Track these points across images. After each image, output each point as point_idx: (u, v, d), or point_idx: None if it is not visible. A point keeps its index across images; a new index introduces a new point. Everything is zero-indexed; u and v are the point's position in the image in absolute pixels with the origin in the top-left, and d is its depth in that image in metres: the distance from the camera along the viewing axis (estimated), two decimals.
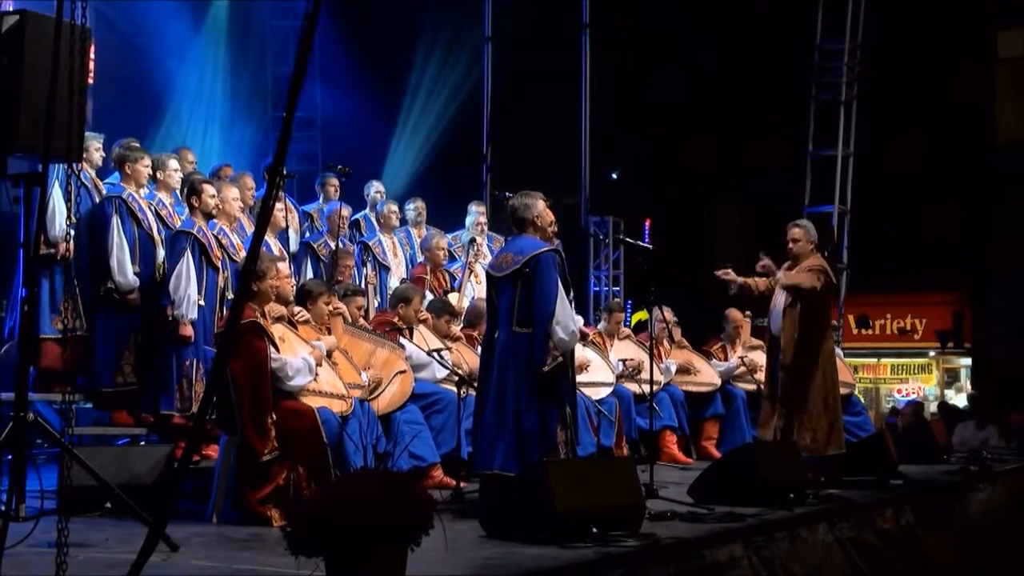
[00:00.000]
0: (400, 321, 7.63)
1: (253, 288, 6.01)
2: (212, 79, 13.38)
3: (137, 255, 7.27)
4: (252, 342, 5.87)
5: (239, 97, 13.51)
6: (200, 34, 13.24)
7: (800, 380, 7.73)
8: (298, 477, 5.83)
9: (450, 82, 14.88)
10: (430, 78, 14.72)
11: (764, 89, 17.89)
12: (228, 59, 13.44)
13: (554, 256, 6.31)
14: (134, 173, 7.42)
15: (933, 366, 21.11)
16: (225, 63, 13.43)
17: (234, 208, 7.64)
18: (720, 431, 9.93)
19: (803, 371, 7.73)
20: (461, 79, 15.04)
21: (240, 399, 5.84)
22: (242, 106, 13.50)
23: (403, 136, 14.56)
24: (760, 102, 18.06)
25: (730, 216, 20.23)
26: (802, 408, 7.70)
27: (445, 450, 7.20)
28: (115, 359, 7.19)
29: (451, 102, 14.90)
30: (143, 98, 12.24)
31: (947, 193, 19.27)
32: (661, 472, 7.99)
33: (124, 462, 6.16)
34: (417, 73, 14.68)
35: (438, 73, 14.77)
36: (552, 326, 6.14)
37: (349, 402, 6.27)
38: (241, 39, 13.52)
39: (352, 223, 9.98)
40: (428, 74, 14.73)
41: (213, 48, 13.37)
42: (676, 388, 9.70)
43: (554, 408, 6.19)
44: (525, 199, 6.50)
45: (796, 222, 8.25)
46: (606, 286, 15.03)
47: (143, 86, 12.28)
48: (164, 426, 7.14)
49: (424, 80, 14.70)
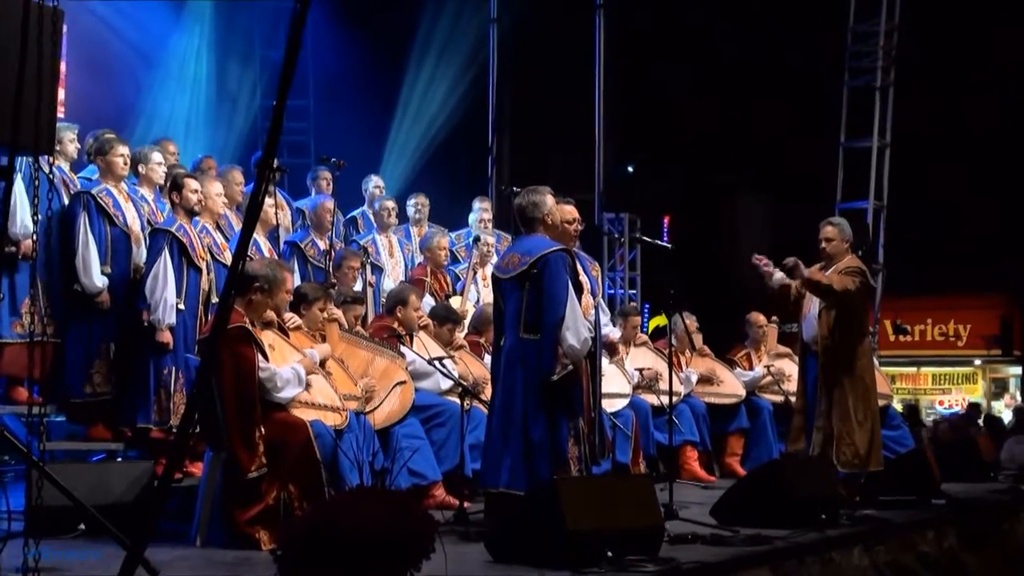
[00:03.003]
0: (400, 326, 7.62)
1: (254, 297, 6.04)
2: (196, 65, 13.38)
3: (108, 255, 7.25)
4: (239, 349, 5.86)
5: (225, 84, 13.51)
6: (183, 16, 13.24)
7: (837, 392, 7.71)
8: (289, 496, 5.82)
9: (453, 68, 14.88)
10: (432, 63, 14.71)
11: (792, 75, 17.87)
12: (213, 43, 13.45)
13: (564, 256, 6.30)
14: (109, 166, 7.40)
15: (979, 375, 21.05)
16: (210, 47, 13.43)
17: (218, 204, 7.64)
18: (745, 446, 9.93)
19: (840, 382, 7.72)
20: (465, 64, 15.04)
21: (226, 411, 5.83)
22: (228, 94, 13.50)
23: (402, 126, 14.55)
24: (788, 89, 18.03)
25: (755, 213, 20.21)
26: (840, 422, 7.68)
27: (447, 467, 7.20)
28: (85, 368, 7.18)
29: (454, 90, 14.89)
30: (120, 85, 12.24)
31: (991, 187, 19.22)
32: (681, 491, 7.97)
33: (100, 480, 6.16)
34: (418, 58, 14.67)
35: (440, 58, 14.76)
36: (561, 332, 6.14)
37: (344, 415, 6.26)
38: (227, 21, 13.52)
39: (349, 220, 9.98)
40: (430, 59, 14.72)
41: (197, 31, 13.37)
42: (697, 400, 9.70)
43: (564, 420, 6.19)
44: (532, 196, 6.49)
45: (830, 220, 8.24)
46: (621, 289, 15.03)
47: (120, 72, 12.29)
48: (144, 441, 7.14)
49: (425, 65, 14.69)
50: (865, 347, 8.00)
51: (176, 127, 12.57)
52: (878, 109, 15.52)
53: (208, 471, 6.03)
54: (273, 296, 6.21)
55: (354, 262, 8.40)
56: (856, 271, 7.84)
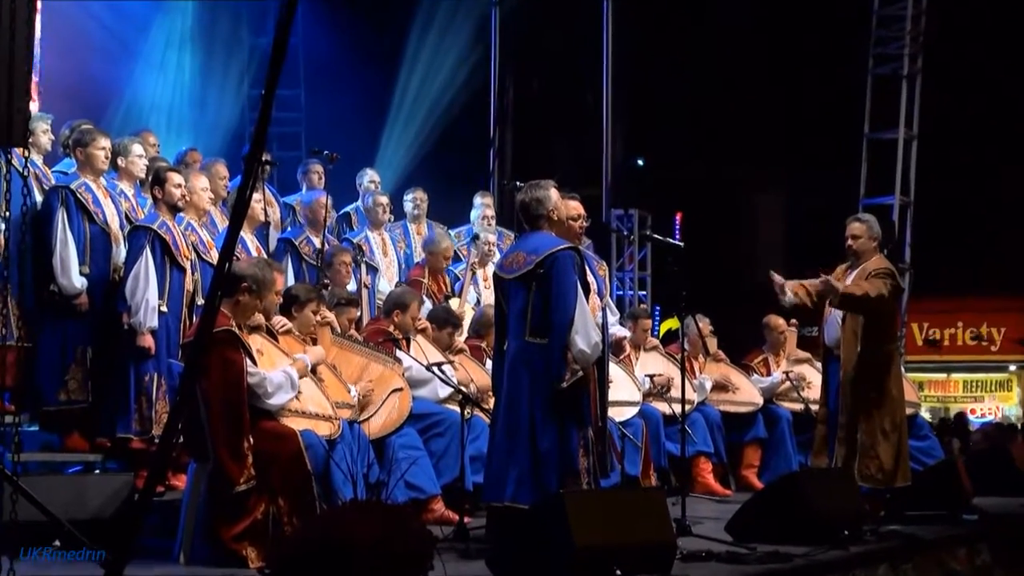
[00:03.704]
0: (396, 331, 7.63)
1: (242, 299, 6.04)
2: (179, 52, 13.39)
3: (88, 254, 7.25)
4: (226, 354, 5.87)
5: (211, 73, 13.52)
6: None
7: (861, 401, 7.69)
8: (279, 510, 5.83)
9: (453, 54, 14.88)
10: (430, 50, 14.72)
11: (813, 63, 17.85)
12: (197, 27, 13.45)
13: (572, 255, 6.30)
14: (89, 159, 7.39)
15: (1013, 382, 21.00)
16: (194, 32, 13.43)
17: (203, 200, 7.65)
18: (762, 457, 9.93)
19: (865, 390, 7.69)
20: (465, 51, 15.04)
21: (212, 420, 5.83)
22: (215, 83, 13.51)
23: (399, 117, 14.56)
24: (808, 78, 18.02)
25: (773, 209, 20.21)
26: (864, 434, 7.66)
27: (447, 479, 7.20)
28: (59, 373, 7.18)
29: (454, 77, 14.89)
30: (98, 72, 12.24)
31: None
32: (695, 505, 7.98)
33: (76, 493, 6.16)
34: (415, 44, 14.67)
35: (439, 44, 14.76)
36: (571, 336, 6.14)
37: (337, 424, 6.27)
38: (212, 4, 13.53)
39: (342, 217, 9.98)
40: (428, 45, 14.72)
41: (180, 15, 13.38)
42: (712, 408, 9.70)
43: (575, 429, 6.19)
44: (535, 192, 6.50)
45: (857, 216, 8.21)
46: (631, 290, 15.04)
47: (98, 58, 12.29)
48: (124, 452, 7.14)
49: (423, 52, 14.69)
50: (893, 353, 7.98)
51: (158, 117, 12.59)
52: (904, 98, 15.50)
53: (192, 484, 6.03)
54: (262, 298, 6.22)
55: (345, 257, 8.42)
56: (886, 272, 7.78)
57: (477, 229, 9.89)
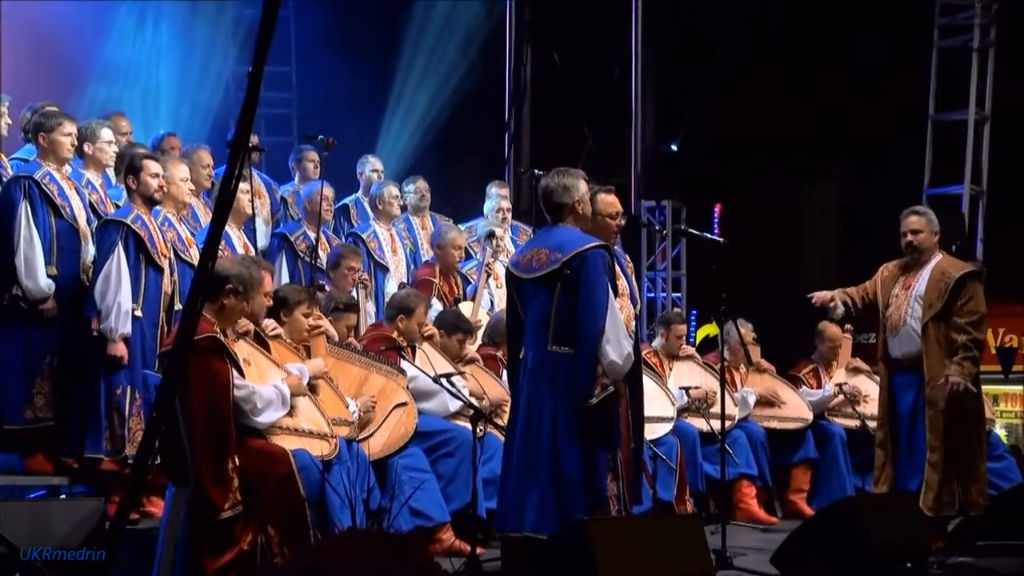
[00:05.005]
0: (400, 337, 7.65)
1: (226, 302, 6.06)
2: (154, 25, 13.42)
3: (54, 253, 7.28)
4: (209, 364, 5.88)
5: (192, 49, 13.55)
6: None
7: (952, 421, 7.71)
8: (268, 540, 5.85)
9: (462, 29, 14.89)
10: (438, 23, 14.73)
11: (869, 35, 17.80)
12: None
13: (603, 254, 6.29)
14: (53, 146, 7.43)
15: None
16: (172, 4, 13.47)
17: (183, 191, 7.67)
18: (813, 480, 9.94)
19: (958, 409, 7.71)
20: (477, 25, 15.05)
21: (193, 438, 5.85)
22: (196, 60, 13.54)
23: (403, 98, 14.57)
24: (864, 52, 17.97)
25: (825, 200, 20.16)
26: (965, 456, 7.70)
27: (457, 505, 7.23)
28: (24, 388, 7.20)
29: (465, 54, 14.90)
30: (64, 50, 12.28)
31: None
32: (736, 534, 8.01)
33: (40, 520, 6.18)
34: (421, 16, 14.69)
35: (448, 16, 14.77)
36: (602, 346, 6.13)
37: (334, 443, 6.29)
38: None
39: (340, 209, 10.00)
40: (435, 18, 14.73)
41: None
42: (755, 424, 9.71)
43: (603, 451, 6.18)
44: (563, 179, 6.48)
45: (914, 208, 8.24)
46: (663, 291, 15.02)
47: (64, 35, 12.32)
48: (93, 474, 7.16)
49: (430, 26, 14.70)
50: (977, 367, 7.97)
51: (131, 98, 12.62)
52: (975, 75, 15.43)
53: (170, 510, 6.04)
54: (249, 300, 6.22)
55: (354, 262, 8.45)
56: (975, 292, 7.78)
57: (491, 224, 9.86)
